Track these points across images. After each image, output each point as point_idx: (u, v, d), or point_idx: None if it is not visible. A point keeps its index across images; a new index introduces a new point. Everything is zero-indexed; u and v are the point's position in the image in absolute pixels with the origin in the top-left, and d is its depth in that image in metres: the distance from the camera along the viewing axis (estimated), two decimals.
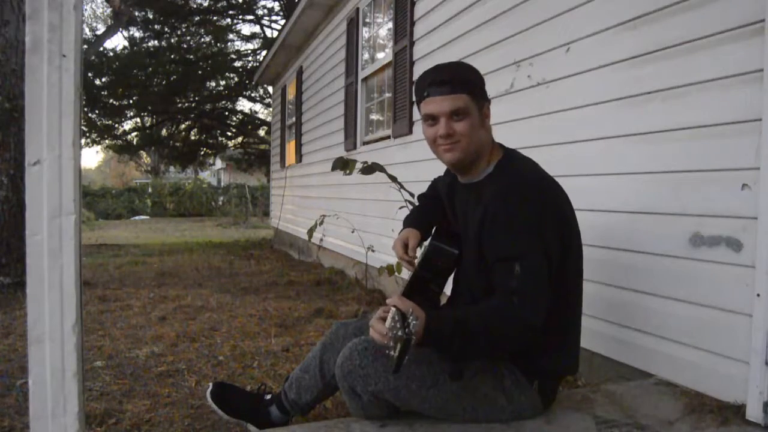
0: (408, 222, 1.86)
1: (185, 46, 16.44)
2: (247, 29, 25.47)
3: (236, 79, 17.26)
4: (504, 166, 1.62)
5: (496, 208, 1.52)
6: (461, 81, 1.58)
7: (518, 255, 1.47)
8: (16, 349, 3.08)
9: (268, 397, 1.91)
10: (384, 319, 1.38)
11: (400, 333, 1.25)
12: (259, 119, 19.09)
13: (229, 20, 17.17)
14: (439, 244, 1.69)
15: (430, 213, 1.87)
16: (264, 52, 14.07)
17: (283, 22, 15.13)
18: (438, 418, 1.61)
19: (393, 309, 1.32)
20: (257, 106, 21.45)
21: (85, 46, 14.08)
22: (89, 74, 14.50)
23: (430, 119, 1.60)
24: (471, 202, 1.64)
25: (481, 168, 1.64)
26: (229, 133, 19.37)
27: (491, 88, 1.79)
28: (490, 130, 1.66)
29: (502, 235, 1.50)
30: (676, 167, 1.99)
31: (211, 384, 1.93)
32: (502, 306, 1.47)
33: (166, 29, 15.95)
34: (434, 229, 1.84)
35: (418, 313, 1.37)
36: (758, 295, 1.64)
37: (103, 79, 15.47)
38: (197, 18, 16.02)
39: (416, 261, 1.75)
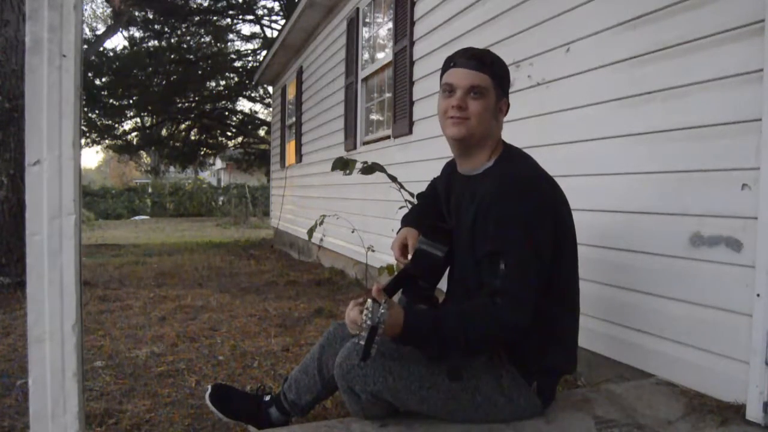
0: (406, 221, 1.86)
1: (185, 46, 16.43)
2: (247, 29, 25.45)
3: (236, 79, 17.26)
4: (502, 163, 1.62)
5: (489, 204, 1.52)
6: (489, 63, 1.60)
7: (504, 251, 1.46)
8: (16, 349, 3.08)
9: (268, 398, 1.91)
10: (361, 312, 1.39)
11: (369, 321, 1.30)
12: (259, 119, 19.10)
13: (229, 20, 17.17)
14: (426, 243, 1.69)
15: (428, 212, 1.86)
16: (264, 52, 14.07)
17: (283, 22, 15.14)
18: (437, 418, 1.61)
19: (369, 300, 1.33)
20: (257, 106, 21.46)
21: (85, 46, 14.09)
22: (89, 74, 14.50)
23: (448, 90, 1.60)
24: (466, 196, 1.63)
25: (481, 159, 1.64)
26: (229, 133, 19.37)
27: None
28: (501, 126, 1.67)
29: (491, 231, 1.50)
30: (676, 167, 1.99)
31: (209, 387, 1.92)
32: (484, 306, 1.46)
33: (166, 29, 15.95)
34: (427, 227, 1.83)
35: (392, 306, 1.39)
36: (758, 295, 1.64)
37: (103, 79, 15.48)
38: (197, 18, 16.01)
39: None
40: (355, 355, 1.54)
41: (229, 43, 18.06)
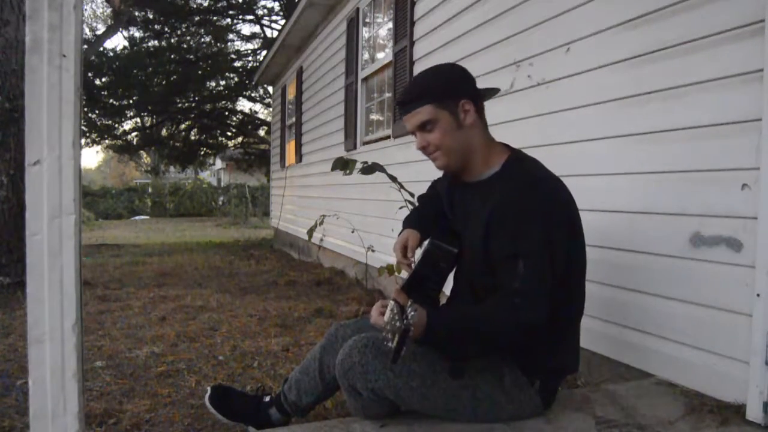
0: (408, 223, 1.85)
1: (185, 46, 16.42)
2: (247, 29, 25.48)
3: (236, 79, 17.25)
4: (513, 166, 1.62)
5: (506, 207, 1.52)
6: (417, 95, 1.59)
7: (523, 252, 1.47)
8: (16, 349, 3.08)
9: (267, 398, 1.90)
10: (383, 314, 1.39)
11: (398, 324, 1.29)
12: (259, 119, 19.08)
13: (229, 20, 17.16)
14: (438, 243, 1.69)
15: (430, 213, 1.86)
16: (264, 52, 14.08)
17: (283, 22, 15.13)
18: (438, 416, 1.61)
19: (392, 302, 1.34)
20: (257, 106, 21.45)
21: (85, 46, 14.09)
22: (89, 74, 14.49)
23: (411, 134, 1.66)
24: (476, 201, 1.63)
25: (479, 167, 1.64)
26: (229, 133, 19.35)
27: None
28: (479, 126, 1.62)
29: (509, 233, 1.50)
30: (676, 167, 1.99)
31: (209, 388, 1.92)
32: (503, 306, 1.47)
33: (166, 29, 15.93)
34: (435, 229, 1.83)
35: (417, 307, 1.39)
36: (758, 295, 1.64)
37: (103, 79, 15.47)
38: (197, 18, 15.99)
39: (415, 260, 1.74)
40: (356, 353, 1.54)
41: (229, 43, 18.04)
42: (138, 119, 19.50)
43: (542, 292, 1.47)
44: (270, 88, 12.13)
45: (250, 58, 17.61)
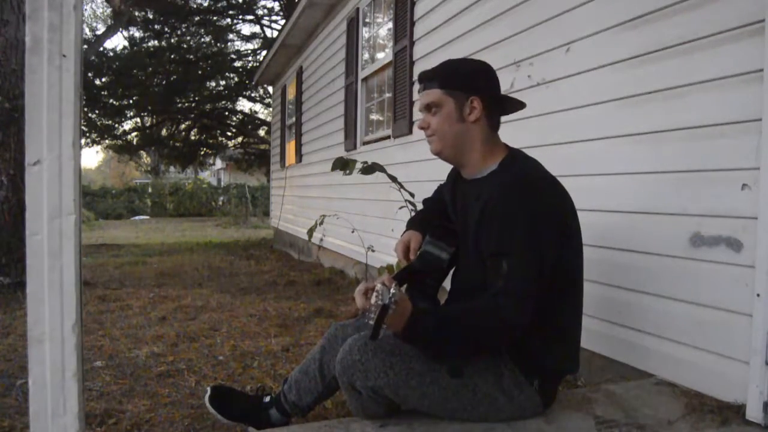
0: (411, 224, 1.87)
1: (185, 46, 16.42)
2: (247, 29, 25.53)
3: (236, 79, 17.25)
4: (507, 165, 1.62)
5: (494, 205, 1.52)
6: (434, 76, 1.66)
7: (507, 251, 1.47)
8: (16, 349, 3.08)
9: (267, 399, 1.91)
10: (370, 299, 1.41)
11: (380, 302, 1.32)
12: (259, 119, 19.09)
13: (229, 20, 17.16)
14: (435, 242, 1.70)
15: (433, 215, 1.87)
16: (264, 52, 14.08)
17: (283, 22, 15.13)
18: (437, 416, 1.61)
19: (378, 285, 1.36)
20: (257, 106, 21.46)
21: (85, 46, 14.09)
22: (89, 74, 14.49)
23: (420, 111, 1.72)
24: (472, 198, 1.64)
25: (478, 163, 1.65)
26: (229, 133, 19.36)
27: None
28: (483, 125, 1.63)
29: (496, 231, 1.51)
30: (676, 167, 1.99)
31: (209, 389, 1.92)
32: (487, 306, 1.48)
33: (166, 29, 15.94)
34: (434, 227, 1.84)
35: (403, 296, 1.40)
36: (758, 295, 1.64)
37: (103, 79, 15.46)
38: (197, 18, 16.00)
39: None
40: (356, 351, 1.54)
41: (229, 43, 18.04)
42: (138, 119, 19.51)
43: (526, 292, 1.47)
44: (270, 88, 12.13)
45: (250, 58, 17.62)
